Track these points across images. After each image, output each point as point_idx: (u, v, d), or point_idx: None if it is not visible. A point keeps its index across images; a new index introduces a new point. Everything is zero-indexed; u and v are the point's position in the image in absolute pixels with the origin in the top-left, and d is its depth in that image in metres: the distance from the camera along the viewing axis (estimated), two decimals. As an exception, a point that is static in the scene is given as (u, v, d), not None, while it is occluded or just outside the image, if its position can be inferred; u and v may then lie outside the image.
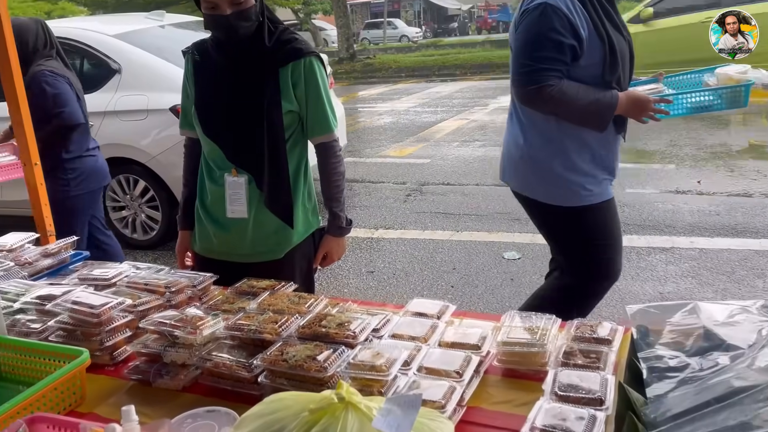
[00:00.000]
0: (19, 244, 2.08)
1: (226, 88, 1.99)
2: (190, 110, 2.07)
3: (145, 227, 5.18)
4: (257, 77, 1.96)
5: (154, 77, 4.85)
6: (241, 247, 2.08)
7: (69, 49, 5.10)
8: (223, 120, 2.00)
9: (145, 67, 4.90)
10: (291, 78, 1.99)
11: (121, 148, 4.90)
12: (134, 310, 1.62)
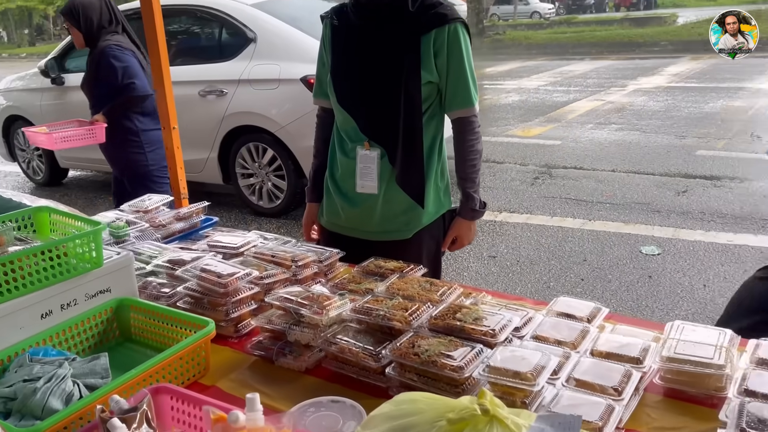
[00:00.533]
0: (154, 206, 2.11)
1: (364, 55, 1.87)
2: (325, 78, 1.98)
3: (271, 195, 5.28)
4: (397, 44, 1.83)
5: (287, 47, 4.89)
6: (369, 224, 1.98)
7: (208, 18, 5.29)
8: (358, 89, 1.89)
9: (279, 36, 4.94)
10: (433, 46, 1.83)
11: (251, 117, 5.01)
12: (260, 283, 1.56)
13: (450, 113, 1.94)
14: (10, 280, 1.26)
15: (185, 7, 5.40)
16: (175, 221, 2.05)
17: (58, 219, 1.55)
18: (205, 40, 5.51)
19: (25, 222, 1.55)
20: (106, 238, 1.86)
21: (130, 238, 1.90)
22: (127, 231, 1.89)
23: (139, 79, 3.59)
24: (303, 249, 1.78)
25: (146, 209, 2.08)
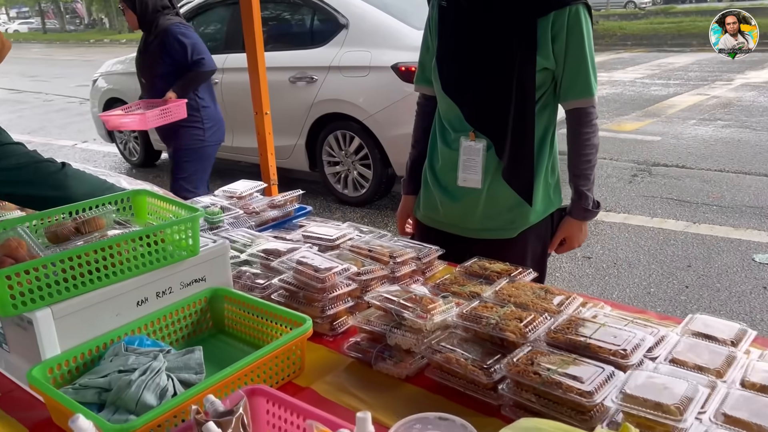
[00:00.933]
0: (248, 192, 2.06)
1: (474, 38, 1.73)
2: (429, 64, 1.86)
3: (356, 184, 5.23)
4: (511, 27, 1.68)
5: (379, 34, 4.80)
6: (470, 220, 1.85)
7: (300, 4, 5.27)
8: (466, 76, 1.75)
9: (371, 23, 4.86)
10: (551, 29, 1.67)
11: (340, 104, 4.96)
12: (358, 279, 1.47)
13: (565, 103, 1.77)
14: (108, 265, 1.22)
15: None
16: (269, 209, 1.99)
17: (155, 203, 1.51)
18: (296, 26, 5.50)
19: (124, 204, 1.52)
20: (201, 225, 1.82)
21: (224, 225, 1.86)
22: (221, 217, 1.85)
23: (207, 55, 3.65)
24: (400, 244, 1.68)
25: (240, 195, 2.04)
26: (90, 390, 1.10)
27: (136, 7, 3.57)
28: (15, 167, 1.49)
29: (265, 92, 3.36)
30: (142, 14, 3.60)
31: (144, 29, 3.67)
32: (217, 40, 5.95)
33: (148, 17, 3.59)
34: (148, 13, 3.58)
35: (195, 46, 3.58)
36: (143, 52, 3.74)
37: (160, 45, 3.57)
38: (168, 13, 3.63)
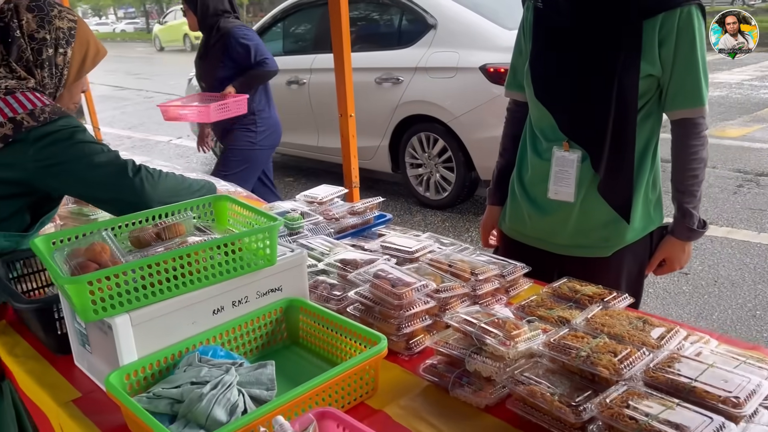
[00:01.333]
0: (329, 197, 2.03)
1: (571, 42, 1.61)
2: (522, 68, 1.75)
3: (438, 187, 5.15)
4: (613, 30, 1.55)
5: (468, 34, 4.69)
6: (560, 236, 1.73)
7: (388, 3, 5.24)
8: (561, 82, 1.64)
9: (460, 23, 4.75)
10: (659, 33, 1.53)
11: (425, 106, 4.90)
12: (436, 296, 1.40)
13: (671, 113, 1.62)
14: (186, 273, 1.21)
15: (368, -6, 5.42)
16: (349, 215, 1.95)
17: (236, 209, 1.50)
18: (384, 26, 5.48)
19: (206, 210, 1.52)
20: (280, 229, 1.81)
21: (304, 231, 1.84)
22: (301, 223, 1.83)
23: (270, 57, 3.63)
24: (483, 259, 1.59)
25: (321, 200, 2.01)
26: (163, 400, 1.09)
27: (197, 8, 3.58)
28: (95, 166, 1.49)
29: (350, 94, 3.34)
30: (202, 17, 3.60)
31: (204, 32, 3.68)
32: (307, 41, 6.03)
33: (209, 20, 3.59)
34: (209, 15, 3.58)
35: (258, 48, 3.58)
36: (203, 55, 3.74)
37: (221, 48, 3.57)
38: (228, 17, 3.62)
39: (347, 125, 3.37)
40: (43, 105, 1.45)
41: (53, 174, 1.46)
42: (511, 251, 1.87)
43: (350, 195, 3.47)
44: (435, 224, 4.91)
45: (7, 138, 1.39)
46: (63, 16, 1.58)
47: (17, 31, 1.51)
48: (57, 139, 1.43)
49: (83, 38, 1.62)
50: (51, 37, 1.54)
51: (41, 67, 1.54)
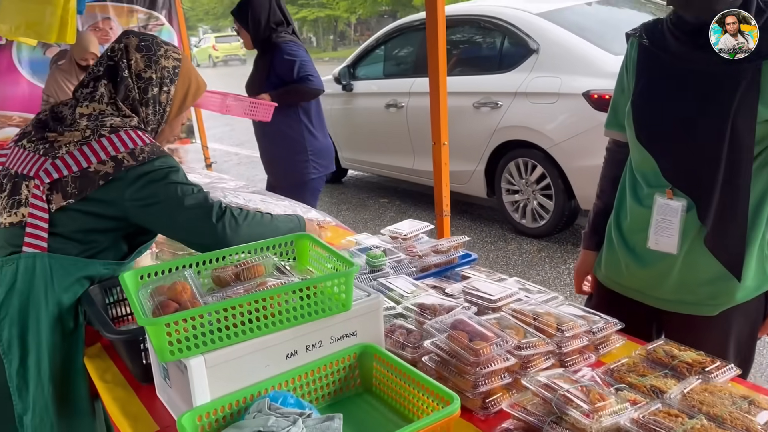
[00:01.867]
0: (413, 233, 2.00)
1: (680, 82, 1.49)
2: (624, 107, 1.64)
3: (536, 215, 4.99)
4: (727, 70, 1.42)
5: (570, 59, 4.53)
6: (660, 289, 1.60)
7: (489, 27, 5.17)
8: (667, 124, 1.52)
9: (563, 47, 4.60)
10: (780, 74, 1.38)
11: (524, 131, 4.77)
12: (517, 353, 1.32)
13: (793, 163, 1.46)
14: (261, 316, 1.22)
15: (469, 17, 5.37)
16: (433, 254, 1.91)
17: (316, 249, 1.50)
18: (485, 50, 5.41)
19: (288, 248, 1.53)
20: (362, 266, 1.80)
21: (386, 268, 1.82)
22: (383, 261, 1.80)
23: (315, 75, 3.41)
24: (571, 312, 1.49)
25: (405, 236, 1.99)
26: (230, 446, 1.09)
27: (249, 25, 3.42)
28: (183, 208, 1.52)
29: (445, 122, 3.30)
30: (255, 32, 3.43)
31: (258, 47, 3.51)
32: (407, 64, 6.07)
33: (262, 35, 3.42)
34: (261, 30, 3.40)
35: (303, 64, 3.38)
36: (254, 71, 3.58)
37: (269, 61, 3.41)
38: (282, 30, 3.44)
39: (440, 153, 3.34)
40: (143, 144, 1.51)
41: (145, 212, 1.52)
42: (605, 301, 1.76)
43: (440, 223, 3.44)
44: (530, 253, 4.75)
45: (108, 176, 1.46)
46: (169, 55, 1.65)
47: (126, 70, 1.59)
48: (152, 179, 1.49)
49: (186, 76, 1.68)
50: (157, 77, 1.62)
51: (146, 105, 1.61)
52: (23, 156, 1.54)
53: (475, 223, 5.49)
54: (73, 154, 1.47)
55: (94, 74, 1.61)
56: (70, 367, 1.57)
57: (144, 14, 5.48)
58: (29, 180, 1.49)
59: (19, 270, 1.48)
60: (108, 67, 1.59)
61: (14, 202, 1.50)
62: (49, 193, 1.47)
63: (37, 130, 1.58)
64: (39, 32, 2.02)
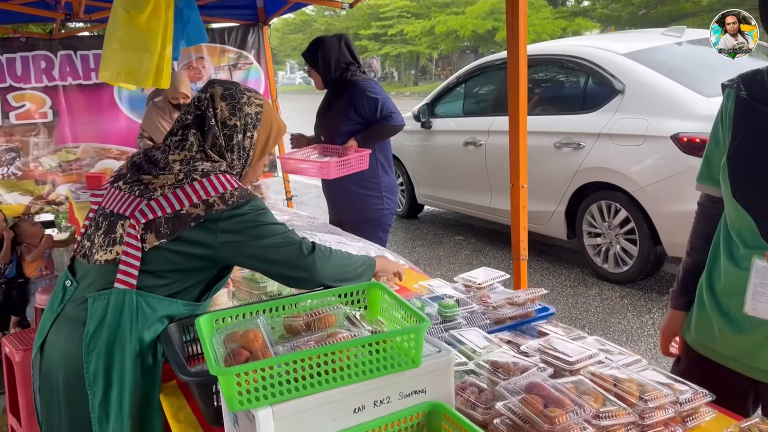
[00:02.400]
0: (488, 282, 1.95)
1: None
2: (718, 161, 1.55)
3: (618, 259, 4.78)
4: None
5: (658, 100, 4.37)
6: (759, 358, 1.48)
7: (574, 67, 5.07)
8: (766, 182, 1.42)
9: (650, 88, 4.45)
10: None
11: (607, 173, 4.62)
12: (596, 423, 1.24)
13: None
14: (330, 370, 1.20)
15: (552, 57, 5.31)
16: (508, 305, 1.85)
17: (387, 300, 1.48)
18: (568, 90, 5.31)
19: (359, 297, 1.52)
20: (434, 317, 1.77)
21: (458, 318, 1.78)
22: (456, 312, 1.77)
23: (397, 111, 3.41)
24: (655, 378, 1.40)
25: (479, 285, 1.94)
26: (293, 504, 1.07)
27: (320, 66, 3.45)
28: (274, 246, 1.60)
29: (524, 164, 3.24)
30: (326, 73, 3.46)
31: (329, 87, 3.54)
32: (487, 102, 6.05)
33: (334, 75, 3.45)
34: (332, 71, 3.44)
35: (385, 102, 3.37)
36: (326, 110, 3.57)
37: (347, 101, 3.40)
38: (353, 70, 3.47)
39: (518, 195, 3.27)
40: (232, 188, 1.57)
41: (236, 252, 1.58)
42: (695, 366, 1.64)
43: (517, 267, 3.35)
44: (612, 300, 4.55)
45: (200, 218, 1.52)
46: (251, 101, 1.72)
47: (212, 119, 1.66)
48: (243, 221, 1.56)
49: (267, 120, 1.74)
50: (240, 124, 1.68)
51: (231, 151, 1.68)
52: (119, 196, 1.63)
53: (553, 265, 5.33)
54: (167, 197, 1.55)
55: (183, 123, 1.68)
56: (147, 403, 1.61)
57: (234, 53, 5.76)
58: (125, 219, 1.57)
59: (110, 305, 1.55)
60: (196, 116, 1.67)
61: (110, 240, 1.58)
62: (144, 232, 1.54)
63: (132, 173, 1.66)
64: (137, 78, 2.14)
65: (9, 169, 5.19)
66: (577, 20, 24.97)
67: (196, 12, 2.23)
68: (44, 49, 5.14)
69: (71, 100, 5.31)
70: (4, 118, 5.09)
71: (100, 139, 5.47)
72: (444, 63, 43.46)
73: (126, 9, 2.13)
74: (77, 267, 1.69)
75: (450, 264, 5.65)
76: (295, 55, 45.23)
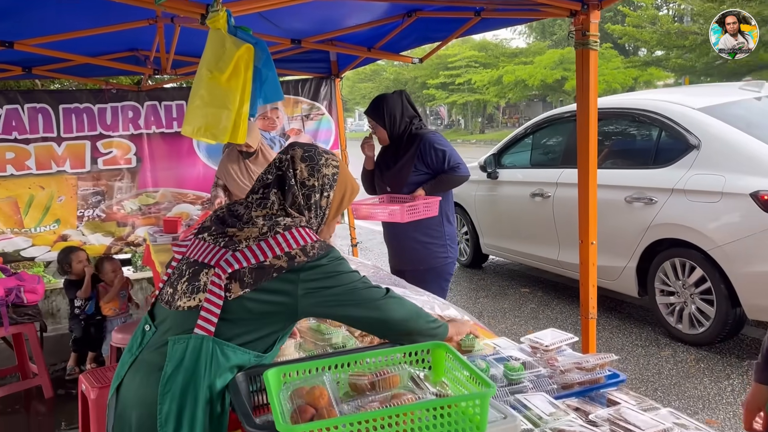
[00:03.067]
0: (556, 345, 1.91)
1: None
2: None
3: (694, 320, 4.56)
4: None
5: (736, 156, 4.22)
6: None
7: (646, 121, 4.99)
8: None
9: (728, 144, 4.31)
10: None
11: (682, 230, 4.46)
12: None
13: None
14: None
15: (623, 111, 5.23)
16: (576, 370, 1.80)
17: (452, 361, 1.48)
18: (639, 143, 5.21)
19: (424, 356, 1.53)
20: (499, 380, 1.74)
21: (524, 381, 1.74)
22: (522, 375, 1.73)
23: (462, 163, 3.51)
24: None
25: (546, 347, 1.90)
26: None
27: (386, 121, 3.54)
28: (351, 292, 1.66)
29: (594, 220, 3.19)
30: (392, 127, 3.55)
31: (393, 141, 3.60)
32: (555, 153, 6.01)
33: (399, 129, 3.55)
34: (398, 125, 3.54)
35: (452, 154, 3.48)
36: (392, 162, 3.61)
37: (414, 153, 3.50)
38: (416, 123, 3.58)
39: (588, 252, 3.22)
40: (312, 241, 1.66)
41: (315, 300, 1.64)
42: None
43: (585, 326, 3.27)
44: (687, 363, 4.33)
45: (282, 269, 1.60)
46: (329, 163, 1.81)
47: (292, 179, 1.76)
48: (322, 272, 1.63)
49: (343, 182, 1.83)
50: (318, 184, 1.78)
51: (309, 210, 1.78)
52: (204, 247, 1.72)
53: (624, 323, 5.14)
54: (251, 248, 1.63)
55: (264, 182, 1.78)
56: (213, 450, 1.65)
57: (307, 104, 5.98)
58: (209, 268, 1.65)
59: (188, 349, 1.61)
60: (277, 176, 1.77)
61: (193, 288, 1.66)
62: (228, 282, 1.61)
63: (217, 226, 1.76)
64: (215, 134, 2.26)
65: (94, 212, 5.52)
66: (650, 70, 24.59)
67: (274, 72, 2.34)
68: (132, 99, 5.50)
69: (154, 147, 5.63)
70: (92, 163, 5.44)
71: (178, 184, 5.75)
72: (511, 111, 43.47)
73: (210, 69, 2.27)
74: (157, 312, 1.77)
75: (515, 317, 5.54)
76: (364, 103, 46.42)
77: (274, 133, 5.91)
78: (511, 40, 37.95)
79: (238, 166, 4.50)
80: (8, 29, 3.91)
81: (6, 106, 5.12)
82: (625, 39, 24.95)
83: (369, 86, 41.67)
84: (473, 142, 31.37)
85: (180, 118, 5.64)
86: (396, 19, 4.16)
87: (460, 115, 44.03)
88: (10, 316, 4.07)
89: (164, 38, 4.06)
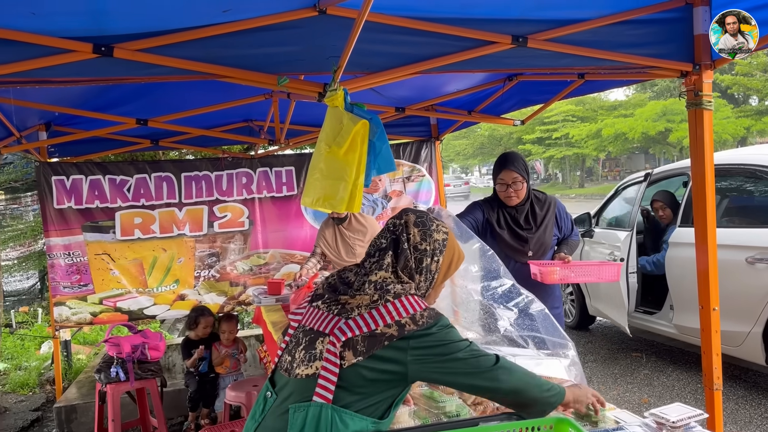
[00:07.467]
0: (683, 422, 1.81)
1: None
2: None
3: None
4: None
5: None
6: None
7: (764, 177, 4.71)
8: None
9: None
10: None
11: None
12: None
13: None
14: None
15: (741, 167, 4.99)
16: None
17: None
18: (758, 200, 4.92)
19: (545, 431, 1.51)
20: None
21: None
22: (648, 454, 1.66)
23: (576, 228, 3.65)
24: None
25: (674, 423, 1.81)
26: None
27: (528, 177, 3.47)
28: (460, 359, 1.68)
29: (715, 285, 3.03)
30: (528, 186, 3.48)
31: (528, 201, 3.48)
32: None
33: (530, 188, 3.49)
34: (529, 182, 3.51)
35: (573, 219, 3.65)
36: (536, 224, 3.46)
37: (554, 217, 3.52)
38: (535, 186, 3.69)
39: (709, 319, 3.04)
40: (421, 310, 1.70)
41: (425, 367, 1.67)
42: None
43: (710, 398, 3.06)
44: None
45: (392, 338, 1.65)
46: (439, 229, 1.86)
47: (405, 243, 1.82)
48: (432, 340, 1.66)
49: (451, 247, 1.87)
50: (430, 249, 1.82)
51: (420, 273, 1.82)
52: (318, 315, 1.80)
53: (750, 393, 4.74)
54: (363, 317, 1.69)
55: (379, 246, 1.86)
56: None
57: (408, 167, 6.13)
58: (324, 336, 1.73)
59: (308, 417, 1.68)
60: (392, 240, 1.84)
61: (311, 356, 1.74)
62: (343, 350, 1.68)
63: (329, 293, 1.84)
64: (333, 204, 2.39)
65: (210, 272, 5.85)
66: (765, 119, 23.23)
67: (387, 144, 2.46)
68: (246, 167, 5.87)
69: (264, 210, 5.95)
70: (209, 226, 5.82)
71: (287, 245, 6.01)
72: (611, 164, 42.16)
73: (328, 144, 2.42)
74: (277, 379, 1.86)
75: (627, 384, 5.25)
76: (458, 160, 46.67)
77: (376, 195, 6.08)
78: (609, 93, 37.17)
79: (331, 233, 4.71)
80: (141, 108, 4.36)
81: (136, 175, 5.62)
82: (735, 89, 23.84)
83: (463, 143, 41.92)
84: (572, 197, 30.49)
85: (289, 183, 5.95)
86: (497, 83, 4.24)
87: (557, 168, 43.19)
88: (135, 371, 4.34)
89: (278, 110, 4.35)
